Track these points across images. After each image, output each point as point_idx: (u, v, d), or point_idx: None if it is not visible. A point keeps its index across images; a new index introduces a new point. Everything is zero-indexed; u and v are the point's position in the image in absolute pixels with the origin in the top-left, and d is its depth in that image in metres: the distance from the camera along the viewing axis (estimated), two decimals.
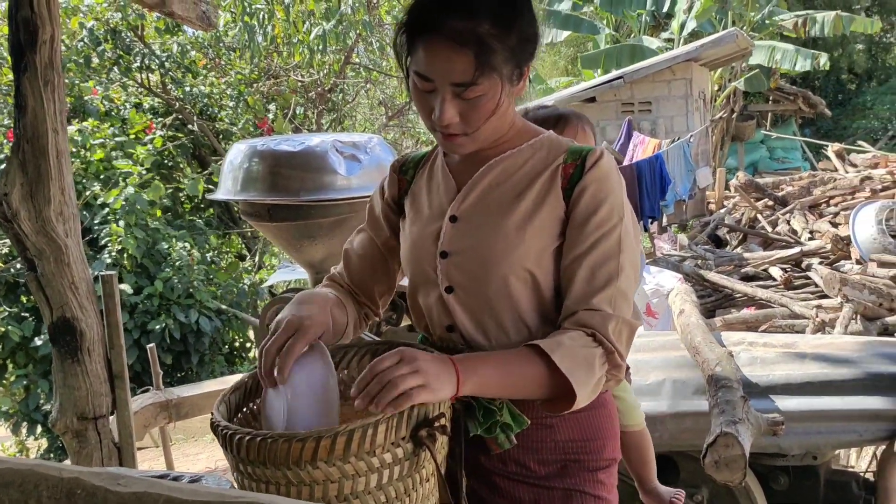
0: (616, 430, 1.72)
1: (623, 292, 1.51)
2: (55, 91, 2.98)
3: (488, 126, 1.53)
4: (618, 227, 1.53)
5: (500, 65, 1.45)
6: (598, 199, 1.53)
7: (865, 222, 7.30)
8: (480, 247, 1.57)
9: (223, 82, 11.01)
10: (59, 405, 3.16)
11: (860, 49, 22.62)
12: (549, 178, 1.57)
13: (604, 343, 1.47)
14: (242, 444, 1.33)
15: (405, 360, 1.33)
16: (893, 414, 2.59)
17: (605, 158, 1.57)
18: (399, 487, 1.39)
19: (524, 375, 1.45)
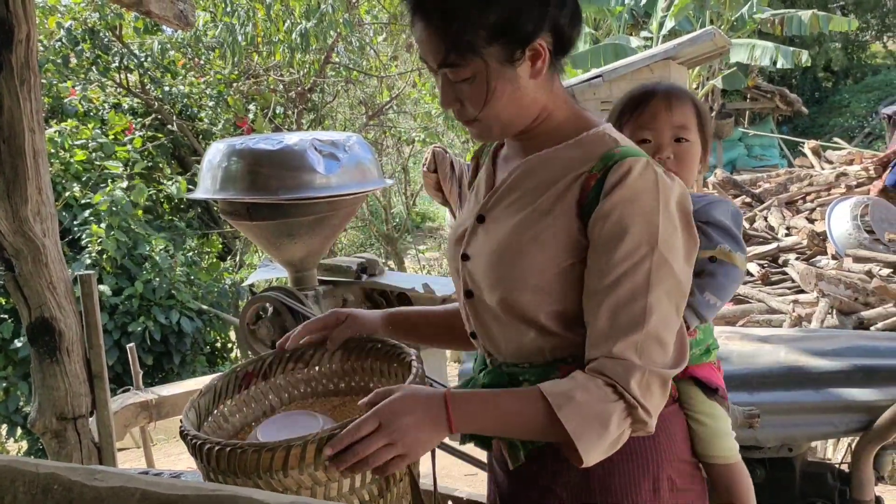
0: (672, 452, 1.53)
1: (655, 336, 1.32)
2: (31, 91, 2.97)
3: (498, 112, 1.43)
4: (647, 258, 1.32)
5: (482, 44, 1.36)
6: (622, 226, 1.33)
7: (841, 218, 7.37)
8: (491, 254, 1.46)
9: (202, 82, 10.96)
10: (37, 405, 3.15)
11: (837, 47, 22.82)
12: (565, 186, 1.41)
13: (625, 397, 1.29)
14: (213, 453, 1.31)
15: (383, 426, 1.26)
16: (867, 406, 2.62)
17: (636, 173, 1.34)
18: (372, 490, 1.38)
19: (527, 423, 1.33)
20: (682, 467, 1.55)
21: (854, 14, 23.09)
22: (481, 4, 1.36)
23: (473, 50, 1.37)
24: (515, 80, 1.40)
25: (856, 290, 5.99)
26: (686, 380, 1.63)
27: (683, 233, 1.38)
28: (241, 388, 1.66)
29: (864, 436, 2.61)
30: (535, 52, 1.40)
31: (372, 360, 1.72)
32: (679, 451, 1.56)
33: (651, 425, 1.34)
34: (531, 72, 1.41)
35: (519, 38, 1.38)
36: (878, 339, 3.00)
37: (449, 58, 1.38)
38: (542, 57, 1.41)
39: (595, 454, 1.30)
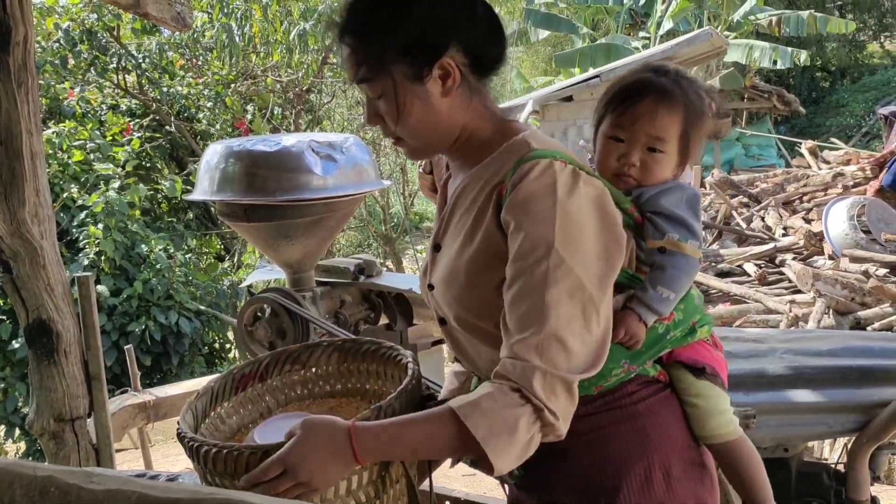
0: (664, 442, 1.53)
1: (555, 337, 1.31)
2: (29, 93, 2.98)
3: (414, 129, 1.47)
4: (543, 259, 1.32)
5: (390, 61, 1.41)
6: (518, 228, 1.35)
7: (838, 218, 7.40)
8: (443, 281, 1.51)
9: (200, 83, 10.97)
10: (35, 407, 3.15)
11: (834, 47, 22.84)
12: (485, 200, 1.44)
13: (531, 400, 1.29)
14: (209, 456, 1.32)
15: (288, 471, 1.29)
16: (862, 406, 2.63)
17: (533, 175, 1.37)
18: (369, 492, 1.38)
19: (437, 440, 1.33)
20: (679, 454, 1.54)
21: (852, 14, 23.14)
22: (390, 23, 1.41)
23: (381, 66, 1.42)
24: (426, 98, 1.44)
25: (852, 290, 6.01)
26: (673, 364, 1.60)
27: (597, 231, 1.38)
28: (238, 390, 1.67)
29: (860, 436, 2.62)
30: (444, 70, 1.43)
31: (368, 362, 1.72)
32: (674, 438, 1.55)
33: (560, 428, 1.33)
34: (442, 90, 1.44)
35: (425, 57, 1.42)
36: (873, 340, 3.01)
37: (360, 73, 1.44)
38: (452, 76, 1.44)
39: (506, 460, 1.30)
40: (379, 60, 1.41)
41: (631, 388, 1.53)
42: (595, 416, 1.50)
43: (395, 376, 1.65)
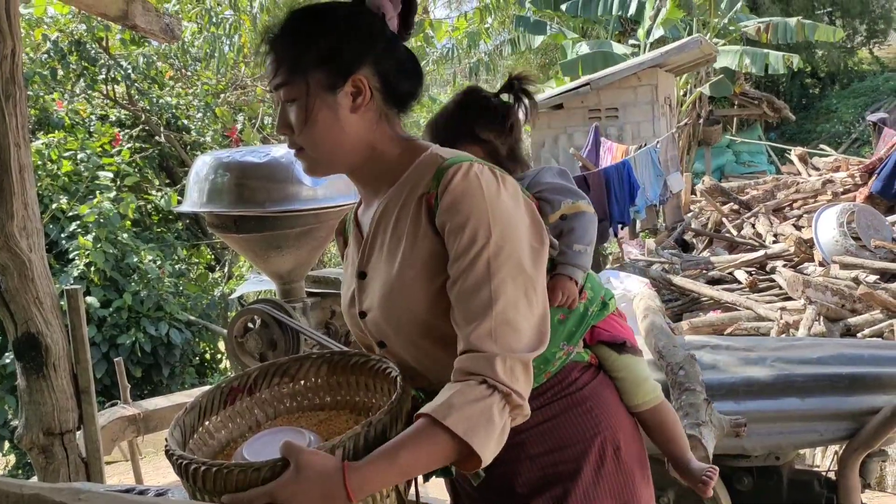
0: (610, 420, 1.65)
1: (505, 321, 1.38)
2: (17, 105, 2.97)
3: (319, 139, 1.51)
4: (484, 249, 1.40)
5: (310, 68, 1.48)
6: (455, 226, 1.43)
7: (827, 225, 7.42)
8: (381, 304, 1.54)
9: (190, 93, 10.96)
10: (24, 421, 3.14)
11: (824, 53, 22.95)
12: (415, 213, 1.50)
13: (498, 388, 1.35)
14: (198, 473, 1.31)
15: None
16: (852, 413, 2.64)
17: (458, 178, 1.44)
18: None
19: (423, 453, 1.35)
20: (624, 429, 1.69)
21: (841, 21, 23.25)
22: (311, 33, 1.50)
23: (299, 70, 1.49)
24: (335, 109, 1.50)
25: (843, 296, 6.02)
26: (597, 345, 1.74)
27: (523, 218, 1.47)
28: (227, 404, 1.65)
29: (850, 443, 2.63)
30: (356, 86, 1.50)
31: (357, 375, 1.71)
32: (618, 414, 1.70)
33: (526, 408, 1.39)
34: (352, 105, 1.51)
35: (340, 69, 1.50)
36: (862, 348, 3.02)
37: (278, 75, 1.51)
38: (363, 93, 1.51)
39: (489, 450, 1.34)
40: (297, 65, 1.49)
41: (573, 375, 1.66)
42: (547, 406, 1.62)
43: (384, 389, 1.65)
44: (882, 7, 24.71)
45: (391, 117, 1.57)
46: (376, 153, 1.56)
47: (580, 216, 1.80)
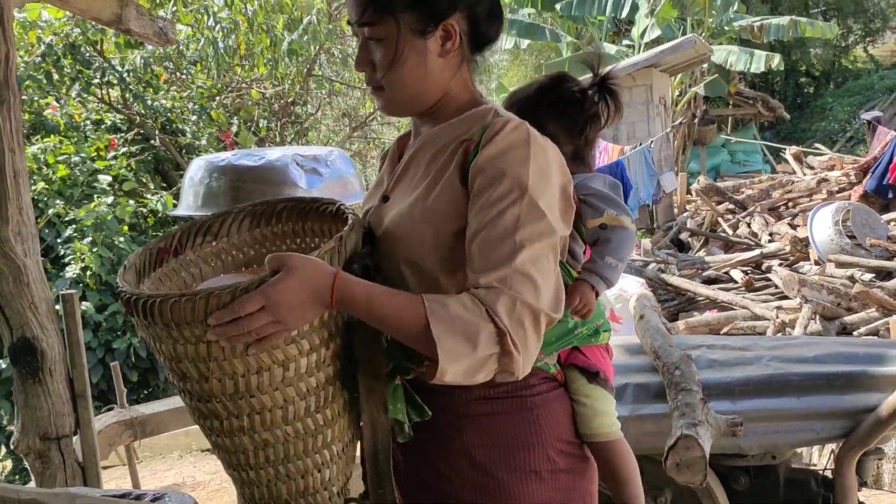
0: (554, 435, 1.60)
1: (524, 272, 1.35)
2: (11, 110, 2.96)
3: (402, 80, 1.51)
4: (517, 202, 1.38)
5: (399, 10, 1.47)
6: (494, 173, 1.41)
7: (823, 224, 7.43)
8: (386, 230, 1.54)
9: (185, 96, 10.94)
10: (21, 426, 3.13)
11: (818, 52, 22.98)
12: (450, 155, 1.51)
13: (496, 321, 1.31)
14: (179, 305, 1.30)
15: (268, 307, 1.29)
16: (849, 412, 2.64)
17: (508, 128, 1.45)
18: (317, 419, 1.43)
19: (402, 322, 1.35)
20: (564, 447, 1.62)
21: (836, 19, 23.27)
22: None
23: (391, 11, 1.47)
24: (424, 54, 1.50)
25: (838, 295, 6.03)
26: (570, 367, 1.70)
27: (561, 188, 1.46)
28: (156, 266, 1.62)
29: (847, 442, 2.63)
30: (446, 31, 1.51)
31: (283, 223, 1.69)
32: (561, 431, 1.62)
33: (518, 365, 1.34)
34: (440, 50, 1.51)
35: (433, 12, 1.49)
36: (858, 346, 3.03)
37: (366, 14, 1.48)
38: (452, 38, 1.51)
39: (454, 366, 1.31)
40: (389, 5, 1.47)
41: (532, 381, 1.58)
42: (496, 400, 1.56)
43: (322, 230, 1.64)
44: (877, 6, 24.74)
45: (471, 63, 1.59)
46: (448, 97, 1.57)
47: (620, 230, 1.75)
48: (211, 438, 1.46)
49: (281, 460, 1.43)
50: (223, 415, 1.39)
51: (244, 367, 1.34)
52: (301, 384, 1.40)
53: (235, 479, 1.48)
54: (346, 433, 1.52)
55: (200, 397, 1.39)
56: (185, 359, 1.35)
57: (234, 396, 1.36)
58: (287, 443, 1.42)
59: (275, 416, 1.39)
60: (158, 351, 1.40)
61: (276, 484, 1.44)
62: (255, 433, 1.40)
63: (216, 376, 1.35)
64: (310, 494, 1.47)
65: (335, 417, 1.47)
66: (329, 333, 1.43)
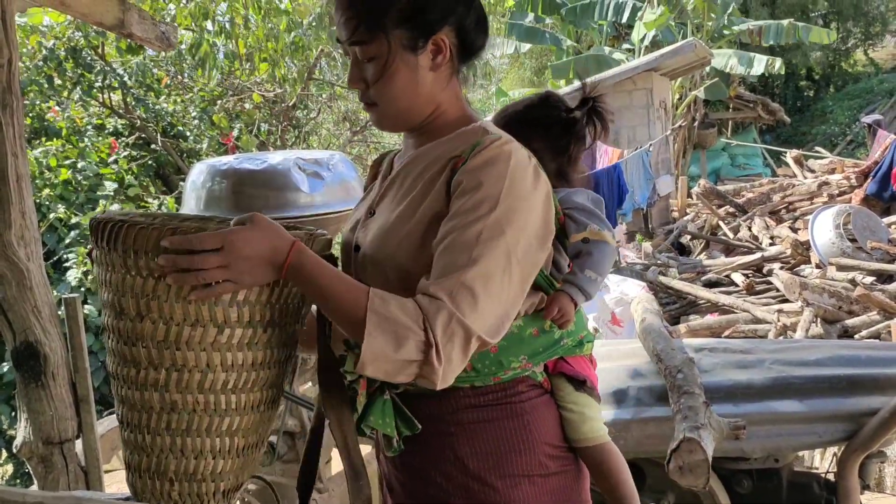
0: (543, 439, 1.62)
1: (469, 287, 1.36)
2: (14, 115, 2.97)
3: (395, 96, 1.53)
4: (483, 219, 1.39)
5: (391, 27, 1.48)
6: (468, 185, 1.43)
7: (824, 227, 7.44)
8: (372, 244, 1.55)
9: (186, 99, 10.95)
10: (23, 430, 3.13)
11: (818, 56, 23.00)
12: (437, 172, 1.52)
13: (428, 332, 1.33)
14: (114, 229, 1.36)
15: (225, 250, 1.33)
16: (851, 415, 2.64)
17: (494, 145, 1.46)
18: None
19: (344, 306, 1.37)
20: (555, 451, 1.64)
21: (836, 23, 23.29)
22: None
23: (381, 28, 1.48)
24: (415, 69, 1.52)
25: (840, 298, 6.03)
26: (557, 375, 1.72)
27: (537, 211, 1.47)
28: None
29: (849, 445, 2.63)
30: (437, 45, 1.52)
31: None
32: (550, 436, 1.64)
33: (437, 378, 1.35)
34: (431, 64, 1.53)
35: (424, 27, 1.50)
36: (860, 349, 3.03)
37: (358, 33, 1.49)
38: (443, 52, 1.53)
39: (374, 364, 1.33)
40: (379, 22, 1.48)
41: (521, 388, 1.61)
42: (485, 408, 1.57)
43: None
44: (876, 9, 24.77)
45: (460, 75, 1.61)
46: (440, 111, 1.59)
47: (602, 245, 1.77)
48: (121, 391, 1.45)
49: (181, 432, 1.41)
50: (144, 362, 1.39)
51: (182, 314, 1.36)
52: (228, 354, 1.40)
53: (128, 443, 1.46)
54: (253, 434, 1.51)
55: (129, 338, 1.40)
56: (128, 292, 1.38)
57: (162, 345, 1.37)
58: (193, 413, 1.41)
59: (192, 378, 1.39)
60: (106, 284, 1.42)
61: (167, 457, 1.43)
62: (168, 392, 1.39)
63: (152, 317, 1.37)
64: (195, 480, 1.45)
65: (248, 408, 1.47)
66: (270, 317, 1.44)
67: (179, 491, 1.44)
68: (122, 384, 1.44)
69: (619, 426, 2.67)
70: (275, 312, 1.45)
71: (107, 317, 1.44)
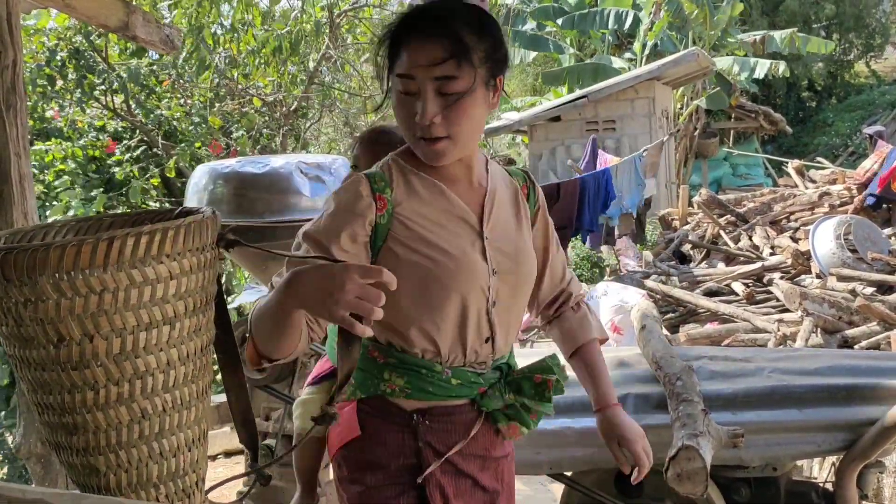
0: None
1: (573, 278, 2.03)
2: (17, 115, 2.98)
3: (469, 131, 1.60)
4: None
5: (477, 63, 1.56)
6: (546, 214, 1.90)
7: (824, 237, 7.43)
8: (515, 265, 1.73)
9: (186, 104, 10.96)
10: (22, 431, 3.13)
11: (819, 67, 23.03)
12: (521, 199, 1.81)
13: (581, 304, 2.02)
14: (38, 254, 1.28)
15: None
16: (850, 424, 2.64)
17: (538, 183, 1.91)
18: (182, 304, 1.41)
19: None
20: None
21: (837, 34, 23.33)
22: (478, 28, 1.58)
23: (472, 63, 1.55)
24: (484, 105, 1.62)
25: (840, 308, 6.03)
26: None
27: None
28: None
29: (848, 454, 2.63)
30: (497, 84, 1.64)
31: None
32: None
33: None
34: (491, 102, 1.64)
35: (497, 67, 1.61)
36: (860, 358, 3.03)
37: (447, 67, 1.53)
38: (498, 90, 1.65)
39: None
40: (470, 58, 1.55)
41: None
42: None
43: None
44: (878, 21, 24.80)
45: None
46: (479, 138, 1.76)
47: None
48: (73, 420, 1.38)
49: (155, 435, 1.40)
50: (101, 382, 1.34)
51: (135, 321, 1.33)
52: (183, 346, 1.40)
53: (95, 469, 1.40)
54: (206, 418, 1.52)
55: (78, 363, 1.33)
56: (68, 316, 1.31)
57: (120, 357, 1.33)
58: (164, 413, 1.39)
59: (156, 381, 1.37)
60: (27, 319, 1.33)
61: (147, 465, 1.41)
62: (134, 402, 1.36)
63: (103, 333, 1.32)
64: (178, 477, 1.45)
65: (203, 392, 1.48)
66: (204, 300, 1.45)
67: (167, 493, 1.43)
68: (73, 413, 1.37)
69: None
70: (206, 294, 1.46)
71: (29, 350, 1.36)
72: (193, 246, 1.39)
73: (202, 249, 1.42)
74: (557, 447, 2.72)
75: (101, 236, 1.30)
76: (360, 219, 1.61)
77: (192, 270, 1.40)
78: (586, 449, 2.70)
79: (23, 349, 1.37)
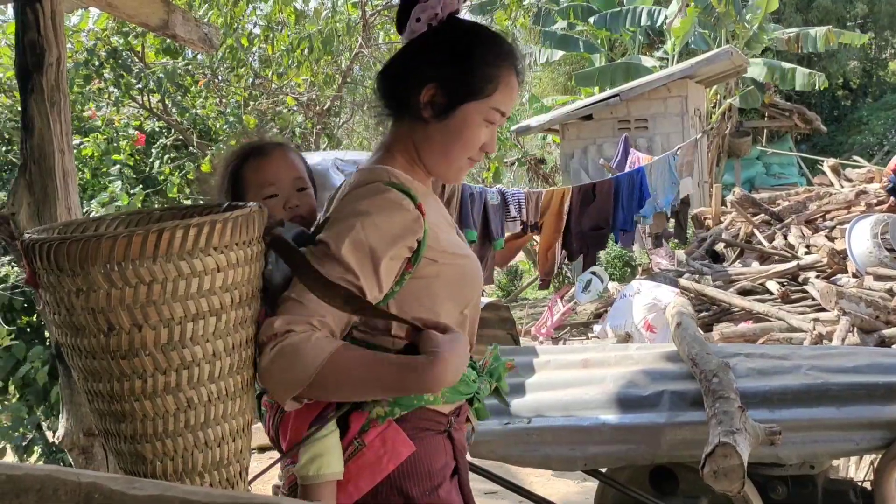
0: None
1: None
2: (61, 113, 3.03)
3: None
4: None
5: None
6: None
7: (861, 236, 7.36)
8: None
9: (221, 103, 11.06)
10: (65, 422, 3.19)
11: (855, 65, 22.74)
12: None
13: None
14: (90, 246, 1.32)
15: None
16: (889, 423, 2.61)
17: None
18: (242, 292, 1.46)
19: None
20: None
21: (872, 31, 23.02)
22: None
23: None
24: None
25: (877, 307, 5.97)
26: None
27: None
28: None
29: (886, 453, 2.61)
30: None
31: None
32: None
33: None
34: None
35: None
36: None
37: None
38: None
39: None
40: None
41: None
42: None
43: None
44: None
45: None
46: None
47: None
48: (122, 407, 1.41)
49: (201, 425, 1.43)
50: (150, 370, 1.37)
51: (183, 312, 1.36)
52: (229, 338, 1.43)
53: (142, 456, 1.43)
54: (250, 410, 1.54)
55: (126, 352, 1.36)
56: (118, 306, 1.34)
57: (167, 347, 1.37)
58: (209, 404, 1.42)
59: (202, 371, 1.40)
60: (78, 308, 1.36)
61: (193, 453, 1.43)
62: (181, 391, 1.39)
63: (151, 324, 1.35)
64: (223, 466, 1.47)
65: (247, 384, 1.51)
66: (252, 292, 1.49)
67: (211, 482, 1.46)
68: (121, 401, 1.40)
69: (653, 430, 2.67)
70: (252, 287, 1.49)
71: (80, 338, 1.39)
72: (241, 239, 1.43)
73: (249, 243, 1.45)
74: (592, 443, 2.73)
75: (151, 228, 1.34)
76: (411, 236, 1.60)
77: (239, 263, 1.43)
78: (621, 445, 2.71)
79: (74, 338, 1.41)
